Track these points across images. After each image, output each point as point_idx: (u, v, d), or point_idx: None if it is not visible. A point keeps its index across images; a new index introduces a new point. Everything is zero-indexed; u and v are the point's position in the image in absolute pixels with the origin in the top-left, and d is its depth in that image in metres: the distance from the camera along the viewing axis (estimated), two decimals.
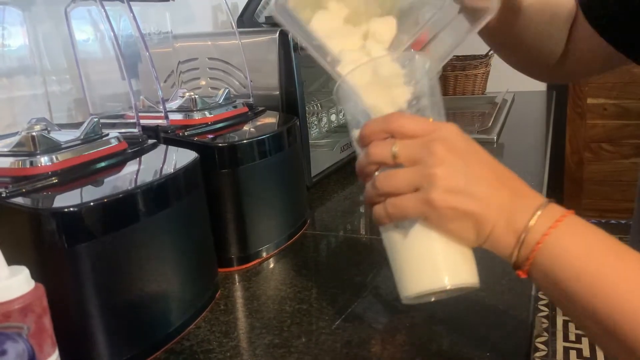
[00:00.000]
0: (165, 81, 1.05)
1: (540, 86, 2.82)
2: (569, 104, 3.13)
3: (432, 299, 0.46)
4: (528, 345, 0.55)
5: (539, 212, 0.41)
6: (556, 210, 0.42)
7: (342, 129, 1.33)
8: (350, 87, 0.46)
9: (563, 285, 0.40)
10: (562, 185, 3.26)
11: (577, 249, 0.40)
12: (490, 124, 1.49)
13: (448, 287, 0.43)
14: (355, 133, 0.47)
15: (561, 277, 0.40)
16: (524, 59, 0.73)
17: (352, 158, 1.20)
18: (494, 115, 1.61)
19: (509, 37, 0.67)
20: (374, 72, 0.46)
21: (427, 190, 0.42)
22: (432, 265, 0.44)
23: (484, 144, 1.44)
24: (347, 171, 1.20)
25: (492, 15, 0.45)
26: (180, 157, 0.67)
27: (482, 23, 0.46)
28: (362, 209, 1.00)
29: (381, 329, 0.61)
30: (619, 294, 0.38)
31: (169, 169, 0.63)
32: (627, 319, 0.37)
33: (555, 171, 3.23)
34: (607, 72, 0.74)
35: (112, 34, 0.70)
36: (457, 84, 2.18)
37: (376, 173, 0.45)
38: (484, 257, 0.45)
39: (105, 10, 0.69)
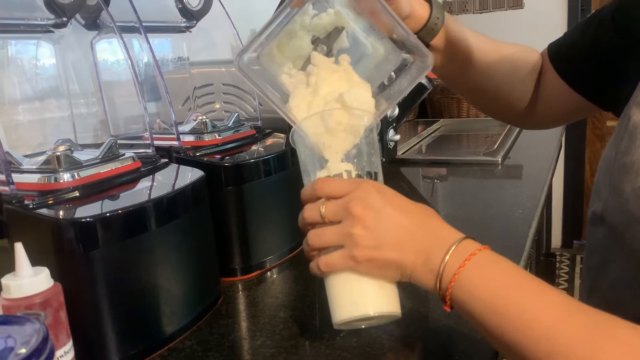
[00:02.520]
0: (183, 104, 1.14)
1: None
2: (588, 126, 3.14)
3: (362, 326, 0.54)
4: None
5: (450, 251, 0.47)
6: (469, 247, 0.48)
7: None
8: (303, 131, 0.54)
9: (477, 318, 0.46)
10: (582, 207, 3.25)
11: (485, 285, 0.46)
12: (495, 147, 1.53)
13: (371, 315, 0.52)
14: (304, 180, 0.56)
15: (474, 311, 0.46)
16: (491, 106, 0.80)
17: None
18: (501, 138, 1.65)
19: (472, 87, 0.75)
20: (323, 121, 0.53)
21: (350, 248, 0.49)
22: (357, 299, 0.52)
23: (489, 165, 1.48)
24: None
25: (427, 71, 0.53)
26: (188, 175, 0.74)
27: (419, 78, 0.54)
28: None
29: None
30: (522, 328, 0.43)
31: (177, 185, 0.71)
32: (530, 350, 0.42)
33: (575, 194, 3.23)
34: (578, 119, 0.80)
35: (129, 62, 0.79)
36: (470, 106, 2.23)
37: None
38: None
39: (124, 43, 0.77)
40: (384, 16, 0.54)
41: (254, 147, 0.92)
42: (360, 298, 0.52)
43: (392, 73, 0.56)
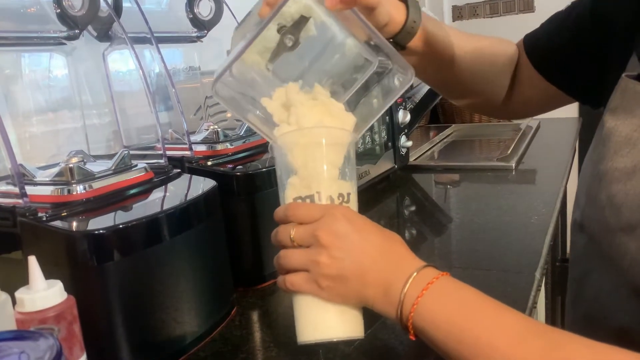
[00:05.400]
0: (194, 114, 1.14)
1: (569, 113, 2.82)
2: None
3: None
4: None
5: (410, 281, 0.48)
6: (427, 276, 0.48)
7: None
8: (281, 145, 0.54)
9: (438, 345, 0.46)
10: None
11: (443, 313, 0.46)
12: (509, 152, 1.52)
13: (331, 339, 0.53)
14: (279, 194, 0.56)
15: (436, 339, 0.46)
16: (470, 101, 0.80)
17: (365, 188, 1.26)
18: (515, 142, 1.64)
19: (449, 84, 0.74)
20: (300, 136, 0.53)
21: (314, 275, 0.50)
22: (318, 323, 0.53)
23: (503, 171, 1.47)
24: (360, 200, 1.26)
25: (409, 84, 0.52)
26: (201, 185, 0.74)
27: (398, 94, 0.54)
28: None
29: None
30: (478, 353, 0.43)
31: (189, 195, 0.70)
32: None
33: None
34: (551, 110, 0.80)
35: (141, 72, 0.79)
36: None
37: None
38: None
39: (136, 54, 0.77)
40: (361, 28, 0.53)
41: (265, 156, 0.92)
42: (321, 323, 0.53)
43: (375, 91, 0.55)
